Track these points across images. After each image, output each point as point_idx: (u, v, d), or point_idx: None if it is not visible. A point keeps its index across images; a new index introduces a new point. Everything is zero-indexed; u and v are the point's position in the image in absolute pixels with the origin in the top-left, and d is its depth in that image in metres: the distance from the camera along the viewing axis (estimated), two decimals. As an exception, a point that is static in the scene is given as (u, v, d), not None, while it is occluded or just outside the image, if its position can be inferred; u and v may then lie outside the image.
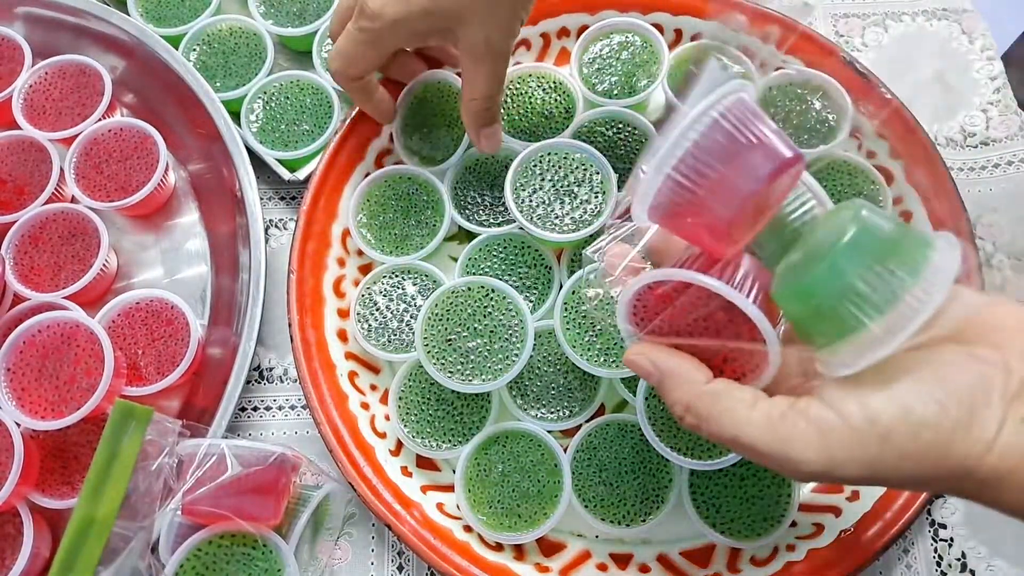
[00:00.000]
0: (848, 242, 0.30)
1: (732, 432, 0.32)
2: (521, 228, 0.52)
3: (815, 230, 0.33)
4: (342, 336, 0.54)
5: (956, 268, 0.29)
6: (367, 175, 0.56)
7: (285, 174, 0.58)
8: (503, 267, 0.54)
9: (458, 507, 0.49)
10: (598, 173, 0.53)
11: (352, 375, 0.53)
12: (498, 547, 0.49)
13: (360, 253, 0.56)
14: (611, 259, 0.38)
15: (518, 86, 0.58)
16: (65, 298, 0.52)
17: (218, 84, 0.60)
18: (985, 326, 0.30)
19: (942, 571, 0.50)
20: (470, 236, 0.56)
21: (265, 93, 0.60)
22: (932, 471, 0.29)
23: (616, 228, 0.38)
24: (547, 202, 0.52)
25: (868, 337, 0.29)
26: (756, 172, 0.31)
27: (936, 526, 0.51)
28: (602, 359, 0.49)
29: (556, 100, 0.58)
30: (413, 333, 0.52)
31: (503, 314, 0.49)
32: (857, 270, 0.29)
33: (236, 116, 0.59)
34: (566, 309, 0.50)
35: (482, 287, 0.50)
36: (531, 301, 0.53)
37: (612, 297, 0.38)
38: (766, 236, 0.35)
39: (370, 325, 0.53)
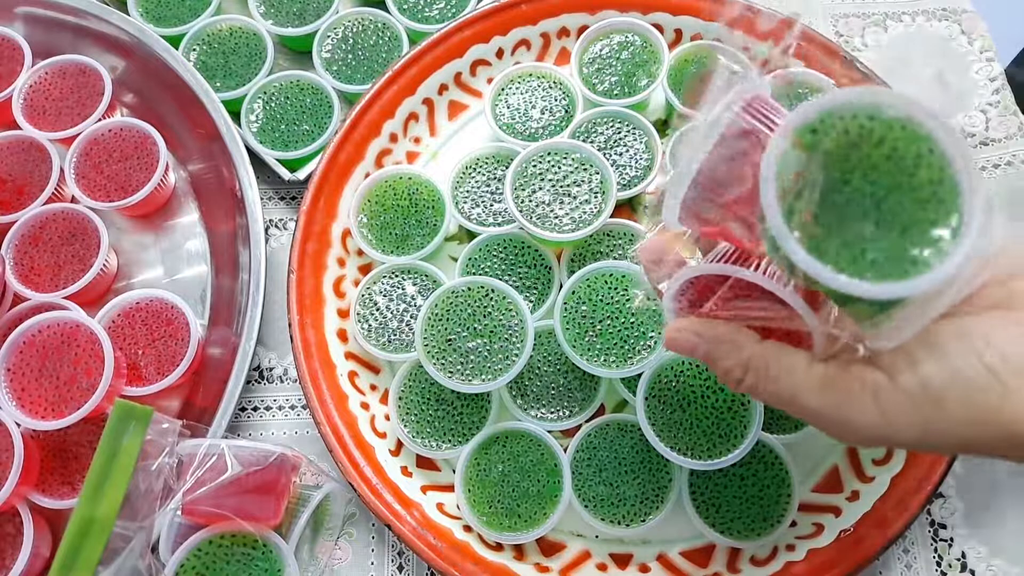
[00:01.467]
0: None
1: (790, 392, 0.32)
2: (521, 228, 0.52)
3: None
4: (342, 336, 0.54)
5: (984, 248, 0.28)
6: (367, 175, 0.56)
7: (285, 174, 0.58)
8: (503, 267, 0.54)
9: (458, 507, 0.49)
10: (597, 173, 0.53)
11: (352, 375, 0.53)
12: (498, 547, 0.49)
13: (360, 253, 0.56)
14: (645, 255, 0.38)
15: (518, 86, 0.58)
16: (65, 298, 0.52)
17: (218, 84, 0.60)
18: None
19: (942, 571, 0.50)
20: (470, 236, 0.56)
21: (265, 93, 0.60)
22: (987, 435, 0.29)
23: (656, 224, 0.39)
24: (547, 202, 0.52)
25: (906, 310, 0.29)
26: None
27: (936, 526, 0.51)
28: (602, 359, 0.49)
29: (556, 100, 0.58)
30: (413, 333, 0.52)
31: (503, 314, 0.49)
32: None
33: (236, 116, 0.59)
34: (566, 309, 0.50)
35: (482, 287, 0.50)
36: (531, 301, 0.53)
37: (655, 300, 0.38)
38: None
39: (370, 325, 0.53)
